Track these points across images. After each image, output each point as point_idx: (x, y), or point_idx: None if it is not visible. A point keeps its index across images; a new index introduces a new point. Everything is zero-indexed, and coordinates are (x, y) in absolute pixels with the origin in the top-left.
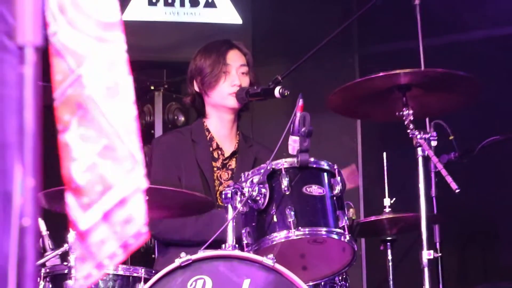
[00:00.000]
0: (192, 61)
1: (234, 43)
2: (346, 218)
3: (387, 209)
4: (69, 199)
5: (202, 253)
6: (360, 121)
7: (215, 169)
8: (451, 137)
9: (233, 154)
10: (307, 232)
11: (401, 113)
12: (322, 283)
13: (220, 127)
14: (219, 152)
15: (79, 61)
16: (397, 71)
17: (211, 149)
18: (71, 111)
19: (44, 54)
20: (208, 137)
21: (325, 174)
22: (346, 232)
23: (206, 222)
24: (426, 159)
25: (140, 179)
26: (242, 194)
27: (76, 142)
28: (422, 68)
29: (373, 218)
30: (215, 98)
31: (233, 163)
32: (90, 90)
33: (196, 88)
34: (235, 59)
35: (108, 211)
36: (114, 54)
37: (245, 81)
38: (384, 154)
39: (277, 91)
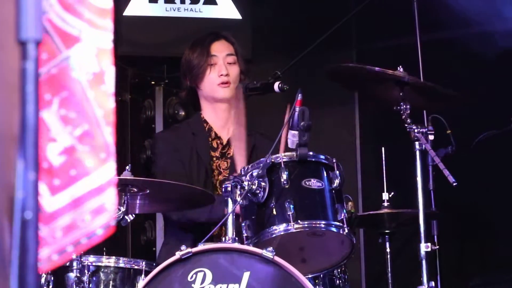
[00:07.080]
0: (183, 56)
1: (219, 33)
2: (345, 211)
3: (386, 203)
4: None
5: (202, 246)
6: (359, 116)
7: (214, 159)
8: (449, 131)
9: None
10: (306, 225)
11: (398, 107)
12: (321, 276)
13: (215, 117)
14: (218, 141)
15: (67, 43)
16: (393, 72)
17: (210, 139)
18: (54, 91)
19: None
20: (206, 128)
21: (324, 167)
22: (345, 225)
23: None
24: (424, 153)
25: (112, 172)
26: (242, 187)
27: (56, 123)
28: (420, 67)
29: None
30: (205, 90)
31: (231, 151)
32: (77, 74)
33: (189, 82)
34: (220, 50)
35: (79, 198)
36: (103, 42)
37: (234, 70)
38: (382, 148)
39: (276, 85)
